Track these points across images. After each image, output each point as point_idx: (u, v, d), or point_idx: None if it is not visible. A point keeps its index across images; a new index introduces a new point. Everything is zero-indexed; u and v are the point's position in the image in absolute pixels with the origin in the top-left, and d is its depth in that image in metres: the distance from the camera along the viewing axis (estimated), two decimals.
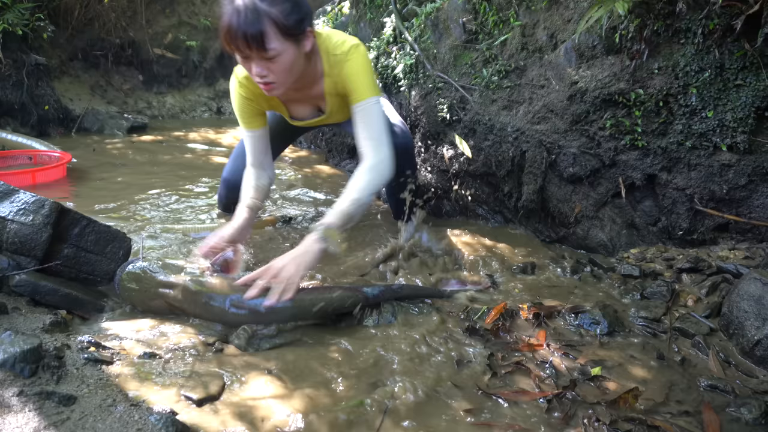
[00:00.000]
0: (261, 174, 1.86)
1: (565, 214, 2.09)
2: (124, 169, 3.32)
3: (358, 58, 1.69)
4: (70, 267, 1.49)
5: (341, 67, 1.68)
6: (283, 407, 1.12)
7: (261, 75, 1.52)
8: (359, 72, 1.69)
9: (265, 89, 1.58)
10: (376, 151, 1.65)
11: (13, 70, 4.00)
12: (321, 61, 1.69)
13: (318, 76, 1.72)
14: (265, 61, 1.49)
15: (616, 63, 1.84)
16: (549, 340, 1.44)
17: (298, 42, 1.53)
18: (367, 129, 1.67)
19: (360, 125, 1.68)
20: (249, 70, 1.55)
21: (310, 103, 1.86)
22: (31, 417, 0.94)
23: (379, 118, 1.68)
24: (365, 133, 1.67)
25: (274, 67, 1.51)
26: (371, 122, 1.67)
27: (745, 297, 1.39)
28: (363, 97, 1.68)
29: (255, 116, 1.83)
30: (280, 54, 1.49)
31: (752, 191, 1.69)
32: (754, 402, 1.18)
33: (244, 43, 1.44)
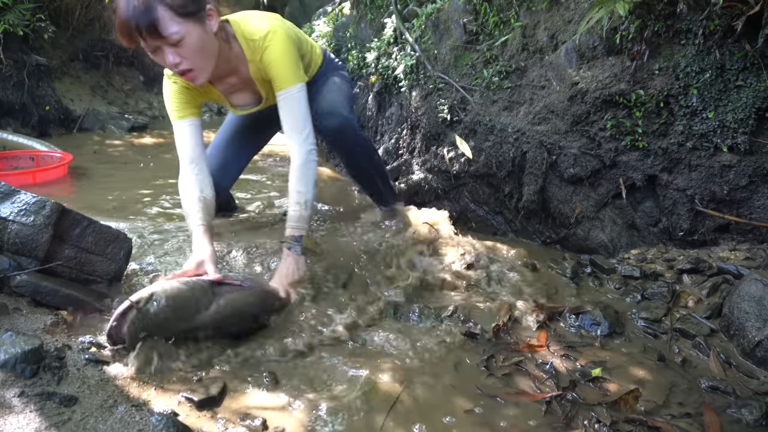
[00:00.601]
0: (202, 179, 1.67)
1: (565, 214, 2.09)
2: (125, 169, 3.32)
3: (276, 44, 1.63)
4: (70, 267, 1.49)
5: (260, 54, 1.63)
6: (284, 409, 1.12)
7: (175, 63, 1.45)
8: (277, 59, 1.63)
9: (187, 78, 1.51)
10: (301, 146, 1.63)
11: (14, 70, 4.00)
12: (240, 46, 1.64)
13: (240, 60, 1.67)
14: (172, 47, 1.42)
15: (617, 64, 1.84)
16: (549, 341, 1.44)
17: (200, 21, 1.46)
18: (290, 120, 1.64)
19: (283, 116, 1.65)
20: (164, 62, 1.47)
21: (246, 89, 1.80)
22: (33, 417, 0.94)
23: (300, 107, 1.65)
24: (288, 124, 1.65)
25: (184, 51, 1.44)
26: (292, 112, 1.64)
27: (746, 298, 1.39)
28: (284, 86, 1.64)
29: (189, 105, 1.72)
30: (184, 36, 1.42)
31: (753, 192, 1.69)
32: (754, 403, 1.18)
33: (141, 36, 1.38)
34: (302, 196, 1.61)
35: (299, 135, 1.64)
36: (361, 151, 2.02)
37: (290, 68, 1.65)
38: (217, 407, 1.10)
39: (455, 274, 1.82)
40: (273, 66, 1.64)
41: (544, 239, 2.21)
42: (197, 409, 1.08)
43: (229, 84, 1.76)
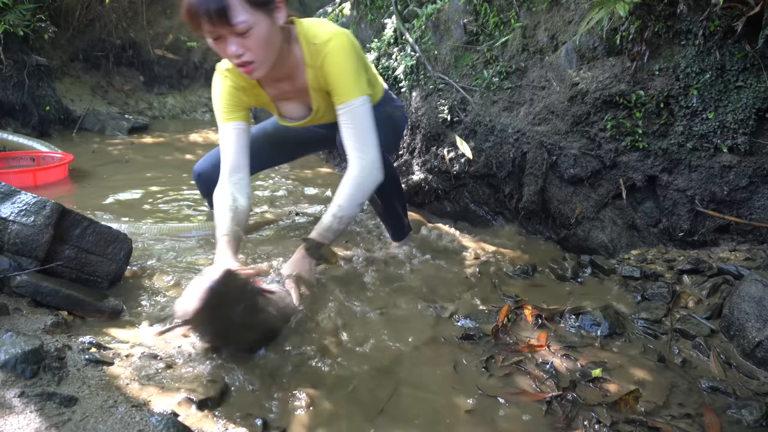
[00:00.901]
0: (239, 190, 1.59)
1: (565, 215, 2.09)
2: (125, 169, 3.33)
3: (338, 51, 1.53)
4: (71, 268, 1.49)
5: (321, 59, 1.54)
6: (284, 409, 1.12)
7: (237, 54, 1.40)
8: (340, 69, 1.54)
9: (245, 71, 1.45)
10: (361, 160, 1.55)
11: (14, 70, 4.00)
12: (301, 49, 1.56)
13: (299, 64, 1.58)
14: (237, 37, 1.37)
15: (617, 64, 1.84)
16: (549, 341, 1.44)
17: (269, 12, 1.41)
18: (352, 134, 1.55)
19: (344, 129, 1.56)
20: (224, 52, 1.42)
21: (298, 99, 1.72)
22: (33, 418, 0.94)
23: (364, 121, 1.55)
24: (350, 139, 1.55)
25: (249, 42, 1.38)
26: (356, 126, 1.55)
27: (746, 298, 1.39)
28: (347, 99, 1.54)
29: (239, 107, 1.66)
30: (252, 27, 1.36)
31: (753, 192, 1.69)
32: (755, 404, 1.18)
33: (208, 21, 1.32)
34: (342, 211, 1.55)
35: (360, 150, 1.55)
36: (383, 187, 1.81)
37: (353, 79, 1.55)
38: (218, 407, 1.10)
39: (455, 274, 1.83)
40: (334, 76, 1.54)
41: (544, 239, 2.21)
42: (197, 410, 1.08)
43: (281, 90, 1.68)
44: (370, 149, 1.56)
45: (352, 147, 1.56)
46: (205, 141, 4.37)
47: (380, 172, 1.58)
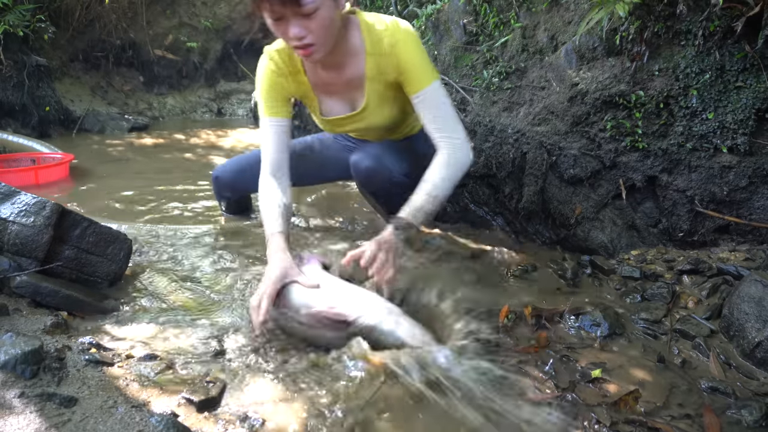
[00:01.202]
0: (282, 188, 1.59)
1: (565, 215, 2.10)
2: (125, 170, 3.33)
3: (408, 39, 1.52)
4: (71, 268, 1.49)
5: (390, 46, 1.52)
6: (284, 410, 1.12)
7: (299, 36, 1.37)
8: (413, 55, 1.52)
9: (304, 53, 1.42)
10: (450, 140, 1.52)
11: (14, 71, 4.00)
12: (361, 37, 1.54)
13: (357, 52, 1.56)
14: (301, 18, 1.35)
15: (617, 65, 1.84)
16: (549, 342, 1.44)
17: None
18: (435, 118, 1.53)
19: (426, 115, 1.54)
20: (285, 34, 1.40)
21: (343, 94, 1.67)
22: (33, 418, 0.94)
23: (444, 103, 1.54)
24: (433, 123, 1.54)
25: (313, 24, 1.36)
26: (437, 109, 1.53)
27: (746, 299, 1.39)
28: (423, 85, 1.53)
29: (282, 101, 1.64)
30: (319, 8, 1.34)
31: (753, 193, 1.69)
32: (754, 404, 1.18)
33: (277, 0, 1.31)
34: (437, 190, 1.48)
35: (448, 131, 1.53)
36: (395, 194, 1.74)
37: (426, 64, 1.55)
38: (218, 408, 1.10)
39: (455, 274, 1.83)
40: (408, 63, 1.52)
41: (544, 240, 2.21)
42: (197, 411, 1.08)
43: (327, 80, 1.64)
44: (457, 129, 1.55)
45: (437, 130, 1.54)
46: (204, 141, 4.37)
47: (471, 152, 1.56)
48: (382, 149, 1.79)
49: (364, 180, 1.80)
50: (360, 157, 1.79)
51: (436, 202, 1.47)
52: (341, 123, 1.76)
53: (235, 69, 6.27)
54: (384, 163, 1.74)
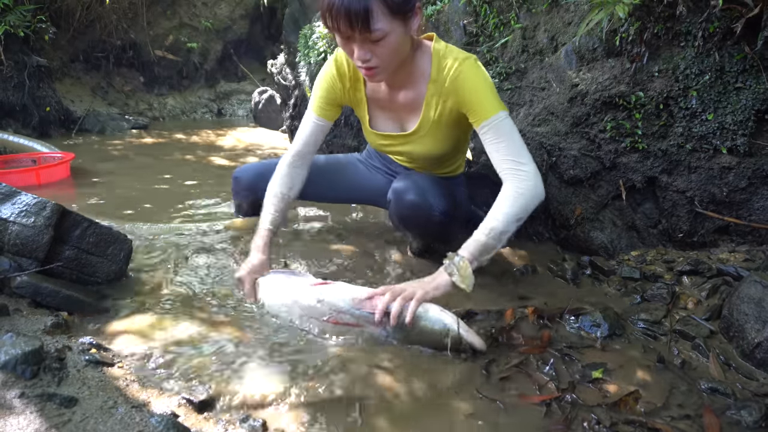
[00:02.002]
0: (295, 176, 1.70)
1: (565, 216, 2.10)
2: (125, 170, 3.33)
3: (474, 69, 1.49)
4: (71, 269, 1.49)
5: (453, 77, 1.50)
6: (285, 410, 1.12)
7: (364, 59, 1.37)
8: (478, 86, 1.48)
9: (367, 74, 1.43)
10: (518, 172, 1.43)
11: (15, 71, 4.01)
12: (429, 62, 1.53)
13: (421, 76, 1.55)
14: (369, 43, 1.34)
15: (617, 66, 1.85)
16: (549, 343, 1.44)
17: (406, 20, 1.37)
18: (502, 148, 1.44)
19: (492, 146, 1.46)
20: (350, 53, 1.39)
21: (397, 113, 1.67)
22: (33, 419, 0.94)
23: (513, 134, 1.46)
24: (498, 153, 1.45)
25: (380, 50, 1.36)
26: (505, 139, 1.44)
27: (746, 299, 1.39)
28: (489, 114, 1.45)
29: (332, 105, 1.68)
30: (387, 35, 1.33)
31: (752, 194, 1.69)
32: (754, 405, 1.18)
33: (346, 22, 1.29)
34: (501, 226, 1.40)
35: (515, 162, 1.43)
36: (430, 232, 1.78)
37: (492, 95, 1.49)
38: (217, 408, 1.10)
39: None
40: (471, 93, 1.48)
41: (544, 240, 2.22)
42: (197, 411, 1.08)
43: (384, 98, 1.65)
44: (526, 161, 1.44)
45: (504, 160, 1.44)
46: (204, 141, 4.37)
47: (542, 186, 1.45)
48: (426, 182, 1.70)
49: (405, 213, 1.71)
50: (404, 187, 1.70)
51: (499, 240, 1.39)
52: (388, 141, 1.75)
53: (235, 69, 6.28)
54: (427, 198, 1.67)
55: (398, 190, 1.70)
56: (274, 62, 4.72)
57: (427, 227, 1.73)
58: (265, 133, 4.97)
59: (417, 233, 1.88)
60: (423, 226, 1.73)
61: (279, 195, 1.68)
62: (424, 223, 1.70)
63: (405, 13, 1.36)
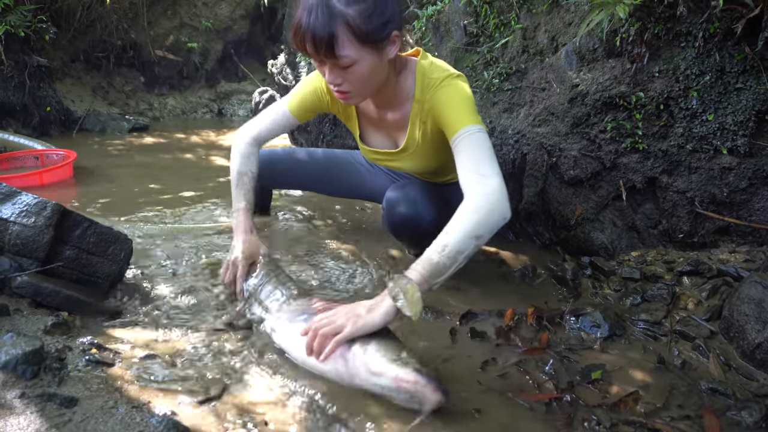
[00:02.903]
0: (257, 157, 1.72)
1: (565, 216, 2.10)
2: (126, 170, 3.33)
3: (454, 86, 1.45)
4: (71, 269, 1.49)
5: (432, 93, 1.46)
6: (285, 410, 1.12)
7: (335, 83, 1.36)
8: (453, 100, 1.42)
9: (341, 98, 1.42)
10: (479, 185, 1.27)
11: (15, 71, 4.01)
12: (414, 82, 1.50)
13: (406, 96, 1.53)
14: (338, 69, 1.32)
15: (617, 66, 1.85)
16: (550, 343, 1.44)
17: (378, 49, 1.33)
18: (468, 160, 1.32)
19: (459, 157, 1.35)
20: (323, 74, 1.38)
21: (387, 131, 1.66)
22: (33, 419, 0.94)
23: (482, 147, 1.34)
24: (465, 166, 1.33)
25: (350, 76, 1.33)
26: (473, 152, 1.33)
27: (746, 300, 1.39)
28: (460, 126, 1.37)
29: (308, 110, 1.70)
30: (356, 62, 1.30)
31: (753, 194, 1.69)
32: (754, 405, 1.18)
33: (312, 47, 1.27)
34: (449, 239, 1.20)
35: (478, 174, 1.29)
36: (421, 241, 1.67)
37: (467, 109, 1.41)
38: (218, 408, 1.10)
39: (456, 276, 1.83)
40: (446, 108, 1.42)
41: (545, 241, 2.22)
42: (198, 411, 1.08)
43: (373, 116, 1.64)
44: (491, 174, 1.29)
45: (468, 172, 1.31)
46: (205, 141, 4.37)
47: (506, 203, 1.27)
48: (418, 192, 1.68)
49: (397, 224, 1.71)
50: (396, 199, 1.68)
51: (451, 256, 1.19)
52: (379, 156, 1.75)
53: (235, 69, 6.28)
54: (418, 209, 1.64)
55: (390, 201, 1.69)
56: (275, 62, 4.72)
57: (419, 237, 1.71)
58: None
59: (409, 242, 1.89)
60: (414, 235, 1.73)
61: (250, 174, 1.69)
62: (415, 233, 1.69)
63: (375, 42, 1.31)
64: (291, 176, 2.07)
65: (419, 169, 1.75)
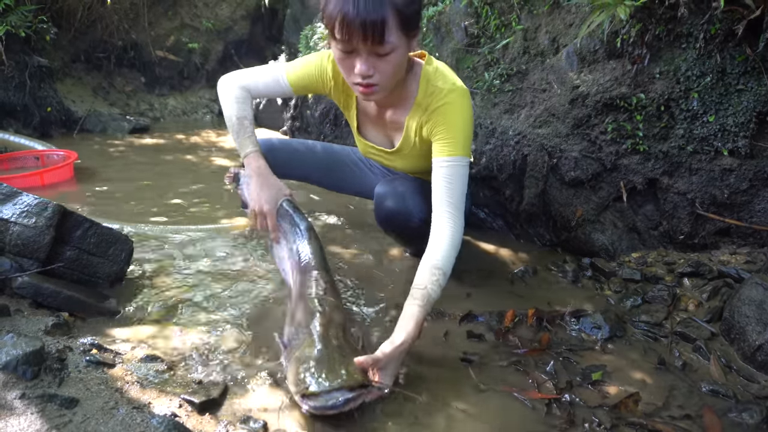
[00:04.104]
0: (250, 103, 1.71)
1: (566, 217, 2.10)
2: (126, 170, 3.33)
3: (460, 105, 1.45)
4: (72, 269, 1.49)
5: (438, 105, 1.46)
6: (285, 412, 1.12)
7: (366, 74, 1.32)
8: (457, 122, 1.44)
9: (364, 92, 1.37)
10: (455, 218, 1.38)
11: (16, 71, 4.01)
12: (417, 85, 1.50)
13: (407, 98, 1.53)
14: (374, 57, 1.30)
15: (618, 67, 1.85)
16: (550, 344, 1.44)
17: (410, 38, 1.34)
18: (448, 191, 1.40)
19: (440, 182, 1.41)
20: (349, 68, 1.34)
21: (385, 129, 1.66)
22: (34, 420, 0.94)
23: (464, 182, 1.43)
24: (444, 195, 1.39)
25: (383, 65, 1.32)
26: (454, 184, 1.40)
27: (747, 302, 1.39)
28: (454, 153, 1.42)
29: (306, 88, 1.68)
30: (395, 50, 1.30)
31: (753, 196, 1.69)
32: (755, 407, 1.18)
33: (360, 33, 1.24)
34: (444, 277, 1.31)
35: (456, 209, 1.38)
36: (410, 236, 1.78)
37: (466, 137, 1.45)
38: (218, 410, 1.10)
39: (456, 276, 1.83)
40: (449, 126, 1.44)
41: (545, 242, 2.22)
42: (198, 412, 1.08)
43: (374, 114, 1.64)
44: (461, 212, 1.41)
45: (445, 203, 1.39)
46: (205, 142, 4.38)
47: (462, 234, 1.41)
48: (407, 187, 1.69)
49: (385, 218, 1.73)
50: (384, 193, 1.70)
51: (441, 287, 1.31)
52: (374, 151, 1.75)
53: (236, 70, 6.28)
54: (407, 205, 1.65)
55: (379, 196, 1.71)
56: (275, 63, 4.73)
57: (407, 232, 1.74)
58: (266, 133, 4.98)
59: (398, 237, 1.89)
60: (402, 231, 1.75)
61: (250, 118, 1.68)
62: (404, 228, 1.70)
63: (411, 30, 1.33)
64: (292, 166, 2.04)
65: (413, 169, 1.76)
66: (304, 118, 4.02)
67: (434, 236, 1.36)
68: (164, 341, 1.34)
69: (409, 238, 1.83)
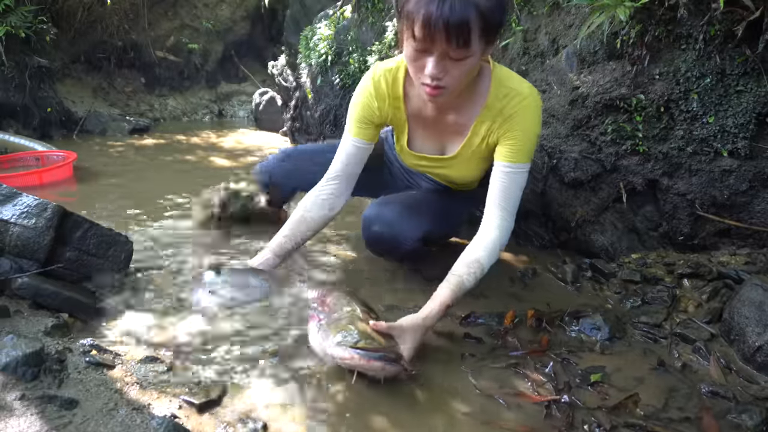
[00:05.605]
0: (325, 198, 1.61)
1: (566, 218, 2.10)
2: (126, 171, 3.33)
3: (535, 111, 1.45)
4: (72, 270, 1.49)
5: (514, 109, 1.44)
6: (285, 413, 1.12)
7: (436, 76, 1.28)
8: (530, 129, 1.44)
9: (431, 93, 1.32)
10: (505, 221, 1.43)
11: (16, 72, 4.01)
12: (488, 87, 1.45)
13: (476, 100, 1.48)
14: (447, 60, 1.26)
15: (618, 68, 1.85)
16: (550, 345, 1.44)
17: (488, 45, 1.30)
18: (506, 194, 1.43)
19: (499, 184, 1.44)
20: (419, 67, 1.30)
21: (440, 135, 1.59)
22: (33, 421, 0.94)
23: (520, 189, 1.46)
24: (501, 197, 1.43)
25: (455, 69, 1.28)
26: (513, 188, 1.44)
27: (747, 303, 1.39)
28: (521, 161, 1.44)
29: (370, 125, 1.58)
30: (472, 55, 1.26)
31: (753, 197, 1.69)
32: (755, 408, 1.18)
33: (444, 36, 1.20)
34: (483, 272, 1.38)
35: (508, 213, 1.44)
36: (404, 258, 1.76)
37: (533, 144, 1.46)
38: (218, 410, 1.10)
39: None
40: (522, 132, 1.44)
41: (545, 243, 2.22)
42: (198, 413, 1.08)
43: (428, 116, 1.55)
44: (513, 216, 1.46)
45: (500, 206, 1.44)
46: (205, 142, 4.38)
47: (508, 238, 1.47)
48: (403, 210, 1.64)
49: (370, 242, 1.69)
50: (372, 217, 1.65)
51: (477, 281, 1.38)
52: (424, 162, 1.68)
53: (236, 71, 6.28)
54: (395, 230, 1.61)
55: (366, 219, 1.66)
56: (275, 63, 4.72)
57: (397, 256, 1.74)
58: (266, 134, 4.98)
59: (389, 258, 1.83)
60: (392, 254, 1.73)
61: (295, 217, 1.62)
62: (392, 252, 1.69)
63: (491, 36, 1.28)
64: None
65: (460, 179, 1.69)
66: (304, 119, 4.03)
67: (482, 231, 1.43)
68: (164, 342, 1.34)
69: (401, 259, 1.79)
